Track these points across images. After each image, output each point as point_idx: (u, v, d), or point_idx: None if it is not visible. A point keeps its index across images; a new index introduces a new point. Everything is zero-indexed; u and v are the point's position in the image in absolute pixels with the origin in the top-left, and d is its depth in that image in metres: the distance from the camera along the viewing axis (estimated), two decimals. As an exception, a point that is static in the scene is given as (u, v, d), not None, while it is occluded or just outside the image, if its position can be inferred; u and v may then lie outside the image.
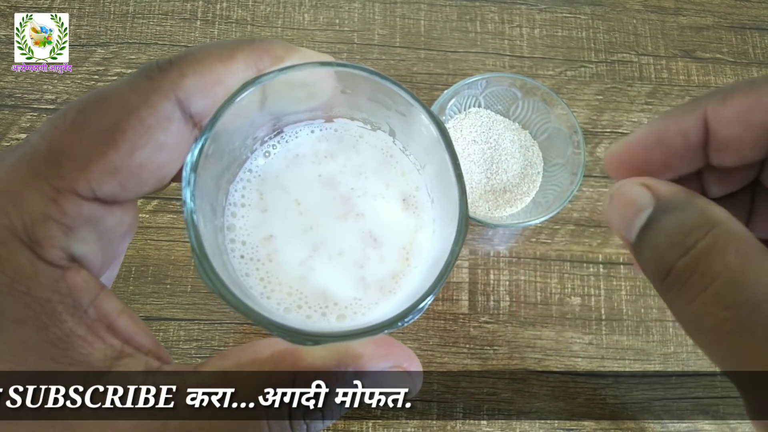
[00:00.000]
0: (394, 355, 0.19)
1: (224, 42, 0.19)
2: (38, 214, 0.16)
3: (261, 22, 0.59)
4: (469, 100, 0.55)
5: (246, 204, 0.21)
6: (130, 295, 0.50)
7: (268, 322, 0.17)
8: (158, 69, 0.18)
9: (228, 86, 0.18)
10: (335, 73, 0.20)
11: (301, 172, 0.22)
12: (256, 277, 0.21)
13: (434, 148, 0.19)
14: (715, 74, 0.60)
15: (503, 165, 0.54)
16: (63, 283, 0.17)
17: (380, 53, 0.58)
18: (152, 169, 0.18)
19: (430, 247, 0.22)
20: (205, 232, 0.17)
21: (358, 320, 0.20)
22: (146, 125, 0.17)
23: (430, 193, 0.22)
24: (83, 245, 0.17)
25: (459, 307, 0.52)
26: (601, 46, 0.60)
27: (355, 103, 0.22)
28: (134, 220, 0.20)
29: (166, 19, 0.58)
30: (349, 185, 0.22)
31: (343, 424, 0.49)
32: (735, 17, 0.62)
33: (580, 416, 0.50)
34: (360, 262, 0.21)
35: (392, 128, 0.22)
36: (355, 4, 0.60)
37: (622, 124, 0.58)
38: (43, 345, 0.16)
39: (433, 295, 0.17)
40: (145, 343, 0.18)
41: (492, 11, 0.60)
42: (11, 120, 0.54)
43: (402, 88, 0.19)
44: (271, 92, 0.19)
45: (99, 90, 0.18)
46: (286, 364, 0.18)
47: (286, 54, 0.20)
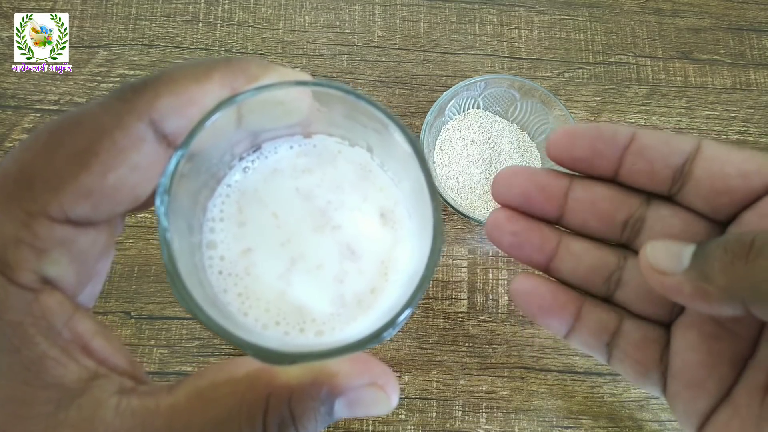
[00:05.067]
0: (370, 372, 0.19)
1: (200, 61, 0.19)
2: (9, 237, 0.16)
3: (262, 24, 0.59)
4: (468, 101, 0.55)
5: (224, 218, 0.21)
6: (133, 294, 0.51)
7: (241, 342, 0.16)
8: (132, 90, 0.18)
9: (203, 106, 0.18)
10: (311, 92, 0.20)
11: (279, 186, 0.22)
12: (234, 292, 0.20)
13: (410, 165, 0.19)
14: (712, 75, 0.60)
15: (502, 165, 0.55)
16: (36, 306, 0.17)
17: (380, 55, 0.59)
18: (126, 190, 0.18)
19: (408, 261, 0.22)
20: (180, 251, 0.17)
21: (336, 336, 0.20)
22: (119, 147, 0.17)
23: (408, 209, 0.22)
24: (56, 267, 0.17)
25: (458, 306, 0.53)
26: (599, 47, 0.61)
27: (333, 121, 0.22)
28: (110, 239, 0.20)
29: (168, 20, 0.58)
30: (326, 198, 0.22)
31: (343, 422, 0.49)
32: (732, 19, 0.62)
33: (578, 414, 0.51)
34: (338, 275, 0.21)
35: (370, 144, 0.22)
36: (356, 7, 0.60)
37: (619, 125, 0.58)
38: (15, 368, 0.16)
39: (410, 309, 0.17)
40: (121, 364, 0.18)
41: (491, 13, 0.61)
42: (14, 121, 0.54)
43: (377, 107, 0.19)
44: (247, 111, 0.19)
45: (71, 112, 0.18)
46: (261, 383, 0.18)
47: (262, 73, 0.19)
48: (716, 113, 0.59)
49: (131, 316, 0.50)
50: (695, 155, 0.22)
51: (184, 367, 0.50)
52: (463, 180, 0.54)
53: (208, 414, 0.17)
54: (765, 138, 0.59)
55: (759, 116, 0.59)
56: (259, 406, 0.17)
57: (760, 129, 0.59)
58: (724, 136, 0.59)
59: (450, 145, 0.55)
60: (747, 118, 0.59)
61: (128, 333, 0.50)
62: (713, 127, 0.59)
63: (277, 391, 0.17)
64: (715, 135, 0.59)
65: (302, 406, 0.18)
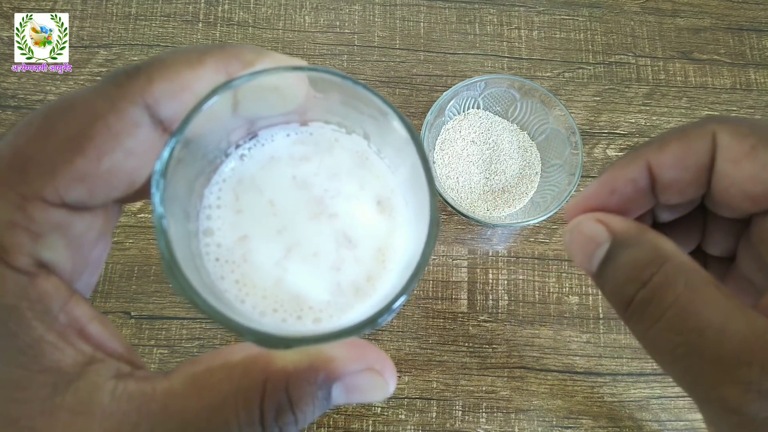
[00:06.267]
0: (367, 358, 0.19)
1: (194, 47, 0.19)
2: (4, 220, 0.16)
3: (262, 24, 0.59)
4: (468, 101, 0.55)
5: (221, 206, 0.21)
6: (133, 294, 0.51)
7: (237, 326, 0.16)
8: (125, 75, 0.18)
9: (197, 91, 0.18)
10: (308, 78, 0.20)
11: (276, 174, 0.22)
12: (231, 279, 0.20)
13: (406, 152, 0.19)
14: (712, 75, 0.60)
15: (502, 165, 0.55)
16: (32, 290, 0.16)
17: (380, 55, 0.59)
18: (121, 174, 0.18)
19: (404, 248, 0.22)
20: (176, 237, 0.17)
21: (333, 323, 0.20)
22: (114, 131, 0.17)
23: (404, 196, 0.22)
24: (52, 251, 0.17)
25: (458, 306, 0.53)
26: (599, 47, 0.61)
27: (329, 108, 0.22)
28: (106, 225, 0.20)
29: (168, 20, 0.58)
30: (323, 186, 0.22)
31: (343, 422, 0.49)
32: (732, 19, 0.62)
33: (578, 414, 0.51)
34: (335, 263, 0.21)
35: (366, 132, 0.22)
36: (356, 7, 0.60)
37: (619, 125, 0.58)
38: (11, 352, 0.16)
39: (406, 295, 0.17)
40: (117, 349, 0.18)
41: (491, 13, 0.61)
42: (14, 121, 0.54)
43: (373, 93, 0.19)
44: (242, 97, 0.19)
45: (65, 97, 0.18)
46: (257, 368, 0.17)
47: (256, 58, 0.19)
48: (716, 113, 0.59)
49: (131, 316, 0.50)
50: (714, 160, 0.20)
51: (184, 367, 0.50)
52: (463, 180, 0.54)
53: (204, 399, 0.17)
54: (765, 138, 0.59)
55: (759, 116, 0.59)
56: (255, 391, 0.17)
57: (760, 129, 0.59)
58: (724, 136, 0.59)
59: (450, 145, 0.55)
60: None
61: (128, 333, 0.50)
62: (713, 127, 0.59)
63: (274, 376, 0.17)
64: (715, 135, 0.59)
65: (299, 391, 0.18)
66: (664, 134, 0.22)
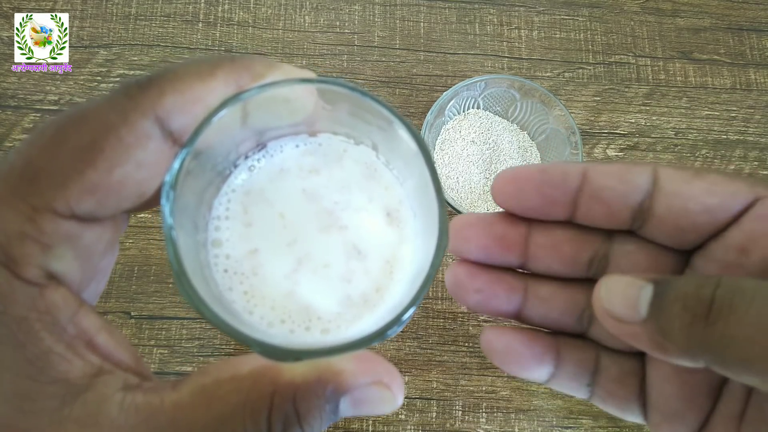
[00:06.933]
0: (375, 371, 0.19)
1: (204, 59, 0.19)
2: (14, 232, 0.16)
3: (262, 24, 0.59)
4: (468, 101, 0.55)
5: (230, 217, 0.21)
6: (133, 294, 0.51)
7: (244, 337, 0.16)
8: (137, 87, 0.18)
9: (208, 104, 0.18)
10: (316, 90, 0.20)
11: (286, 187, 0.22)
12: (240, 291, 0.20)
13: (414, 163, 0.19)
14: (712, 75, 0.60)
15: (502, 165, 0.55)
16: (41, 301, 0.17)
17: (380, 55, 0.59)
18: (131, 186, 0.18)
19: (412, 260, 0.22)
20: (185, 248, 0.17)
21: (341, 334, 0.20)
22: (125, 143, 0.17)
23: (413, 207, 0.22)
24: (61, 263, 0.17)
25: (458, 306, 0.53)
26: (599, 47, 0.61)
27: (338, 119, 0.22)
28: (115, 236, 0.20)
29: (168, 20, 0.58)
30: (333, 199, 0.22)
31: (342, 422, 0.49)
32: (732, 19, 0.62)
33: (578, 414, 0.51)
34: (345, 275, 0.21)
35: (375, 143, 0.22)
36: (356, 7, 0.60)
37: (619, 125, 0.58)
38: (20, 363, 0.16)
39: (414, 307, 0.17)
40: (125, 360, 0.18)
41: (491, 13, 0.61)
42: (14, 121, 0.54)
43: (381, 104, 0.19)
44: (252, 109, 0.19)
45: (77, 107, 0.18)
46: (266, 380, 0.17)
47: (266, 71, 0.19)
48: (716, 113, 0.59)
49: (131, 316, 0.50)
50: (653, 191, 0.21)
51: (184, 367, 0.50)
52: (463, 180, 0.54)
53: (212, 411, 0.17)
54: (765, 138, 0.59)
55: (759, 116, 0.59)
56: (263, 403, 0.17)
57: (760, 129, 0.59)
58: (724, 136, 0.59)
59: (450, 145, 0.55)
60: (747, 118, 0.59)
61: (128, 333, 0.50)
62: (713, 127, 0.59)
63: (282, 389, 0.17)
64: (715, 135, 0.59)
65: (307, 404, 0.17)
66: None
